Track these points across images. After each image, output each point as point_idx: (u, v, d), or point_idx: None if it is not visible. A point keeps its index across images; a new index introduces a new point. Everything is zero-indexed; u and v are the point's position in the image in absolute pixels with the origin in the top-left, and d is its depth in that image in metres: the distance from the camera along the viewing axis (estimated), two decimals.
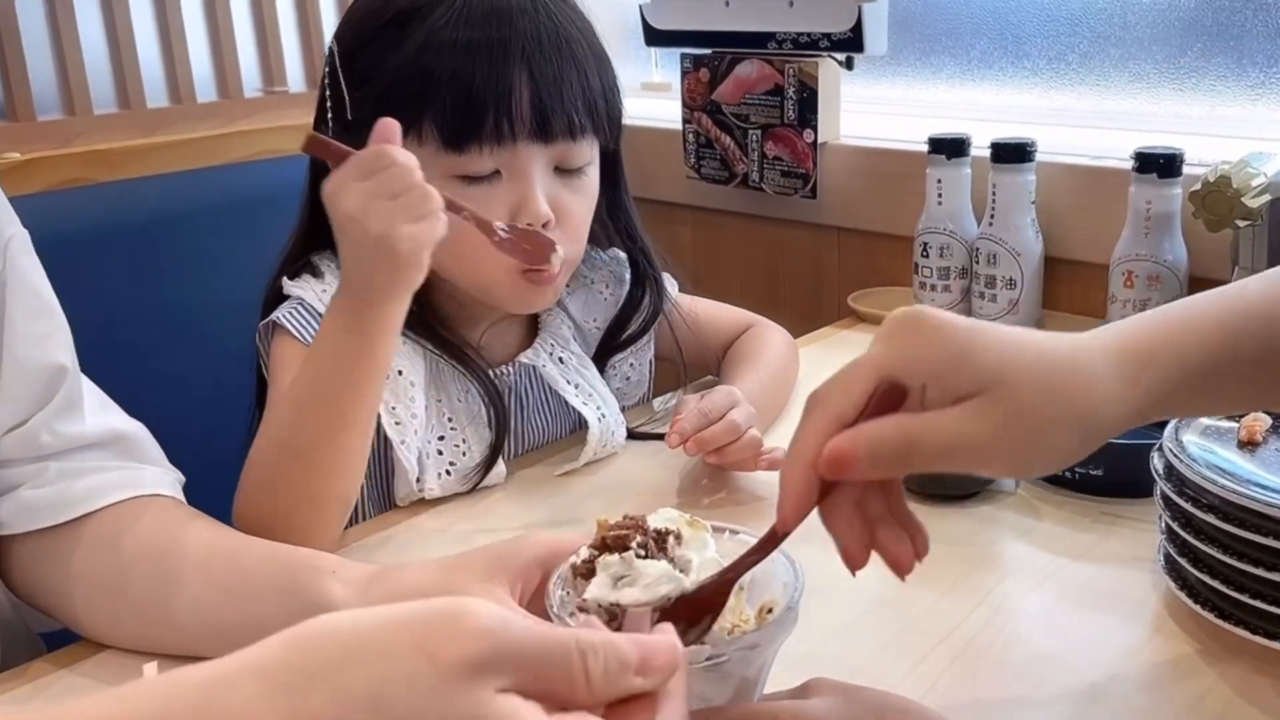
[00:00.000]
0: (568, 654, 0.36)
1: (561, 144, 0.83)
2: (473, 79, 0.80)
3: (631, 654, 0.37)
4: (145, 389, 1.10)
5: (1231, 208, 0.92)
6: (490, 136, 0.80)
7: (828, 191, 1.37)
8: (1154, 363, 0.50)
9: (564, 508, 0.85)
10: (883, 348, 0.48)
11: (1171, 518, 0.68)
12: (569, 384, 0.92)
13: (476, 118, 0.80)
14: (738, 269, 1.53)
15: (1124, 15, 1.25)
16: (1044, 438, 0.47)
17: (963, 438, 0.46)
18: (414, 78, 0.81)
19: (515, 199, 0.82)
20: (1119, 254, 1.08)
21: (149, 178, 1.27)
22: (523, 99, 0.80)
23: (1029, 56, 1.34)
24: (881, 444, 0.46)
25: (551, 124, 0.82)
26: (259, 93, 1.69)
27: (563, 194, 0.85)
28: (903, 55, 1.42)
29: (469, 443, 0.87)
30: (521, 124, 0.81)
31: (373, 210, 0.68)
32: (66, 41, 1.48)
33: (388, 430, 0.82)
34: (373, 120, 0.81)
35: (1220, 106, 1.21)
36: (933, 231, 1.21)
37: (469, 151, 0.81)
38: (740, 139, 1.42)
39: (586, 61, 0.84)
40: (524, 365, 0.92)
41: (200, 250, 1.15)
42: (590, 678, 0.36)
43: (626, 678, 0.37)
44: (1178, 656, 0.64)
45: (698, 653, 0.45)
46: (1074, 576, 0.73)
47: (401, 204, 0.69)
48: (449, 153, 0.81)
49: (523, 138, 0.81)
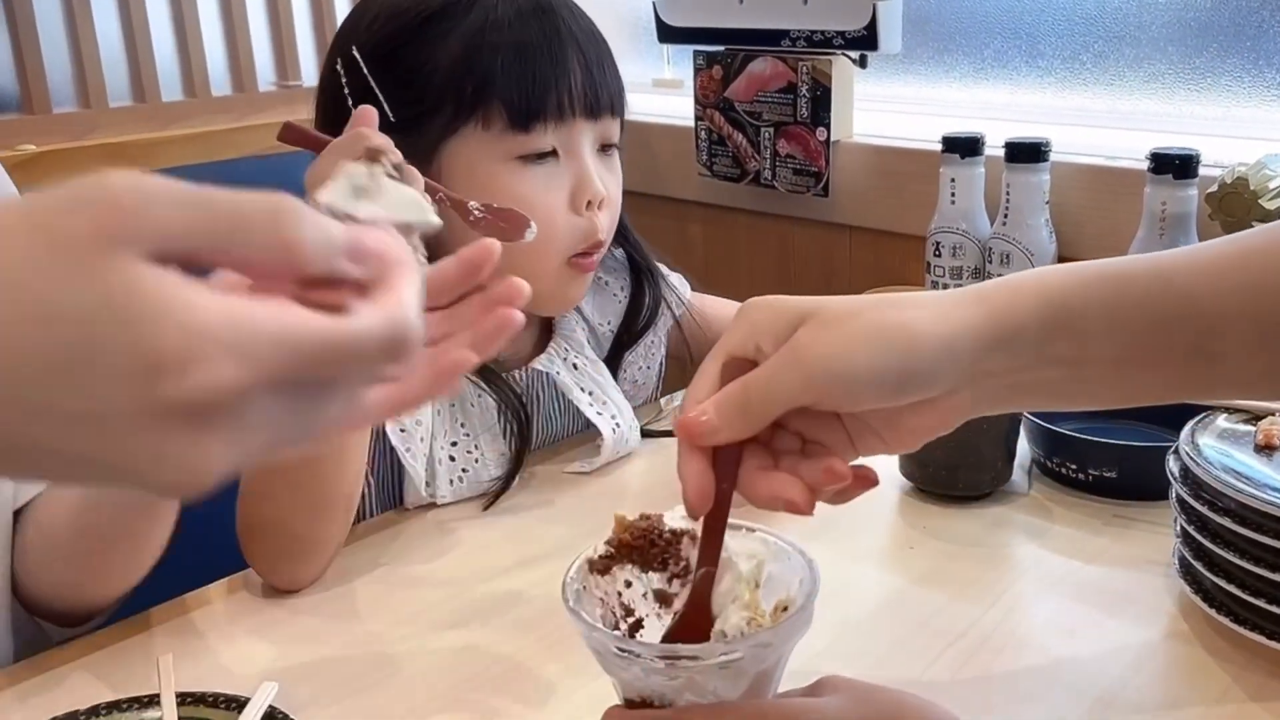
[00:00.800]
0: (237, 210, 0.30)
1: (605, 121, 0.85)
2: (536, 60, 0.81)
3: (337, 231, 0.32)
4: None
5: (1248, 209, 0.92)
6: (554, 114, 0.82)
7: (840, 190, 1.37)
8: (1005, 287, 0.50)
9: (575, 505, 0.85)
10: (727, 332, 0.51)
11: (1187, 521, 0.68)
12: (583, 391, 0.91)
13: (540, 96, 0.81)
14: (749, 267, 1.53)
15: (1139, 15, 1.25)
16: (849, 352, 0.47)
17: (778, 369, 0.48)
18: (475, 65, 0.81)
19: (574, 177, 0.84)
20: (1133, 254, 1.08)
21: (164, 170, 1.27)
22: (577, 77, 0.82)
23: (1043, 56, 1.33)
24: (722, 403, 0.49)
25: (600, 100, 0.84)
26: (273, 86, 1.69)
27: (606, 175, 0.87)
28: (916, 54, 1.42)
29: (482, 449, 0.86)
30: (577, 101, 0.83)
31: None
32: (82, 34, 1.49)
33: (392, 438, 0.82)
34: (423, 118, 0.82)
35: (1236, 107, 1.20)
36: (946, 231, 1.21)
37: (535, 130, 0.82)
38: (753, 136, 1.41)
39: (604, 50, 0.87)
40: (537, 371, 0.91)
41: None
42: (275, 240, 0.30)
43: (335, 258, 0.32)
44: (1192, 661, 0.64)
45: (711, 649, 0.45)
46: (1087, 579, 0.73)
47: None
48: (515, 133, 0.82)
49: (578, 115, 0.83)
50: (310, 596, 0.74)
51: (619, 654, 0.46)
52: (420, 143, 0.83)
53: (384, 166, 0.44)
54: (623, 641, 0.46)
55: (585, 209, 0.84)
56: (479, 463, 0.86)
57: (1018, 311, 0.49)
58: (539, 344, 0.94)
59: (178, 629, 0.71)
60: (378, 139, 0.68)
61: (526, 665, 0.65)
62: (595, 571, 0.49)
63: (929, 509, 0.82)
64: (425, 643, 0.68)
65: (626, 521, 0.50)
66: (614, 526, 0.50)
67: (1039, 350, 0.49)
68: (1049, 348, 0.49)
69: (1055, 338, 0.49)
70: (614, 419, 0.91)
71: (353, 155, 0.67)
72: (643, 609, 0.50)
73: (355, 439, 0.74)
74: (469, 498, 0.86)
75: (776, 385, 0.48)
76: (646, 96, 1.65)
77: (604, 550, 0.49)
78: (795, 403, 0.48)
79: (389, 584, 0.75)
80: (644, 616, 0.50)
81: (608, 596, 0.49)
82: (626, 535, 0.49)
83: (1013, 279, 0.51)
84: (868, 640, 0.67)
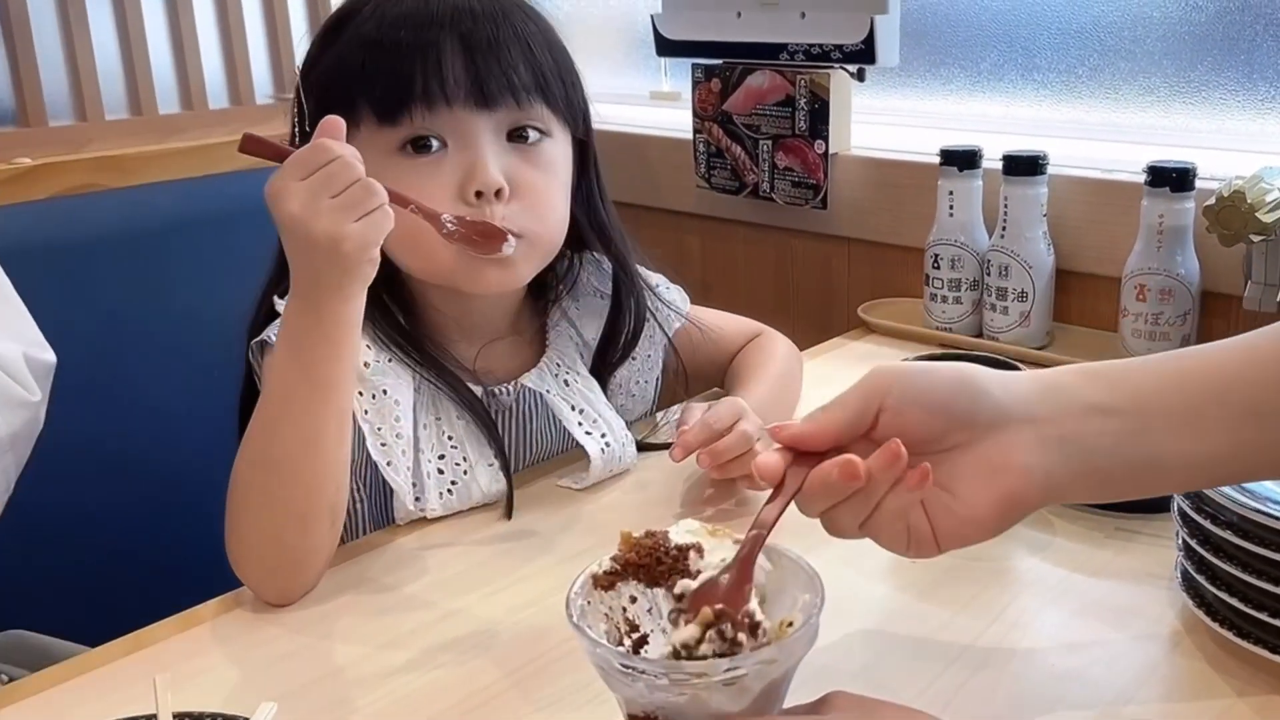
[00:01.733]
0: None
1: (506, 111, 0.81)
2: (397, 50, 0.79)
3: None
4: (154, 397, 1.11)
5: (1245, 222, 0.92)
6: (421, 101, 0.79)
7: (838, 202, 1.37)
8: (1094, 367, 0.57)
9: (569, 520, 0.85)
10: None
11: (1189, 534, 0.67)
12: (573, 409, 0.89)
13: (404, 85, 0.79)
14: (747, 279, 1.53)
15: (1134, 29, 1.25)
16: (917, 364, 0.57)
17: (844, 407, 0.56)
18: (342, 70, 0.81)
19: (464, 167, 0.81)
20: (1131, 267, 1.08)
21: (160, 183, 1.27)
22: (455, 63, 0.79)
23: (1039, 69, 1.34)
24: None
25: (489, 86, 0.80)
26: (270, 99, 1.69)
27: (520, 166, 0.83)
28: (913, 67, 1.42)
29: (470, 460, 0.85)
30: (456, 87, 0.79)
31: (317, 209, 0.67)
32: (79, 47, 1.49)
33: (373, 453, 0.81)
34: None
35: (1230, 120, 1.21)
36: (944, 243, 1.21)
37: (402, 121, 0.80)
38: (751, 149, 1.42)
39: (535, 42, 0.83)
40: (526, 388, 0.90)
41: (212, 257, 1.15)
42: None
43: None
44: (1196, 675, 0.64)
45: (715, 665, 0.45)
46: (1090, 592, 0.72)
47: (344, 201, 0.67)
48: (384, 126, 0.80)
49: (460, 103, 0.80)
50: (302, 613, 0.73)
51: (623, 670, 0.45)
52: None
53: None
54: (627, 658, 0.46)
55: (476, 198, 0.81)
56: (468, 474, 0.85)
57: (1061, 372, 0.57)
58: (529, 355, 0.93)
59: (173, 648, 0.70)
60: (339, 149, 0.68)
61: (525, 685, 0.65)
62: (599, 587, 0.49)
63: None
64: (421, 663, 0.68)
65: (633, 539, 0.49)
66: (619, 543, 0.49)
67: (1082, 397, 0.56)
68: (1090, 393, 0.56)
69: (1096, 383, 0.56)
70: (604, 437, 0.89)
71: (313, 166, 0.67)
72: (647, 625, 0.50)
73: (334, 448, 0.73)
74: (460, 511, 0.85)
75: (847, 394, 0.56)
76: (644, 109, 1.65)
77: (609, 566, 0.49)
78: (864, 405, 0.55)
79: (383, 603, 0.75)
80: (649, 632, 0.50)
81: (612, 612, 0.49)
82: (633, 555, 0.49)
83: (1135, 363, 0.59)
84: (871, 655, 0.66)
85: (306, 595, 0.75)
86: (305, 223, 0.67)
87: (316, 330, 0.70)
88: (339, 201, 0.67)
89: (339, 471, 0.74)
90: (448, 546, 0.82)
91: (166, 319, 1.12)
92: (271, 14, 1.68)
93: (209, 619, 0.73)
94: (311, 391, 0.71)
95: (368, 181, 0.68)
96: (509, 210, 0.82)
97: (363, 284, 0.70)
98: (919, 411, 0.55)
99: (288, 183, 0.67)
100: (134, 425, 1.08)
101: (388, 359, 0.84)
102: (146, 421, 1.09)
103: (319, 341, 0.70)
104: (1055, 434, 0.55)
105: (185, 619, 0.73)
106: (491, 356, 0.90)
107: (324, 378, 0.71)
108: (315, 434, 0.72)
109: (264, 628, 0.72)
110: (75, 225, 1.12)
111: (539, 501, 0.87)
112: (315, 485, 0.72)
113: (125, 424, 1.08)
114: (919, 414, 0.55)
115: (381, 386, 0.82)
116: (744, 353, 1.02)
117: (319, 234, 0.67)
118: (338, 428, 0.73)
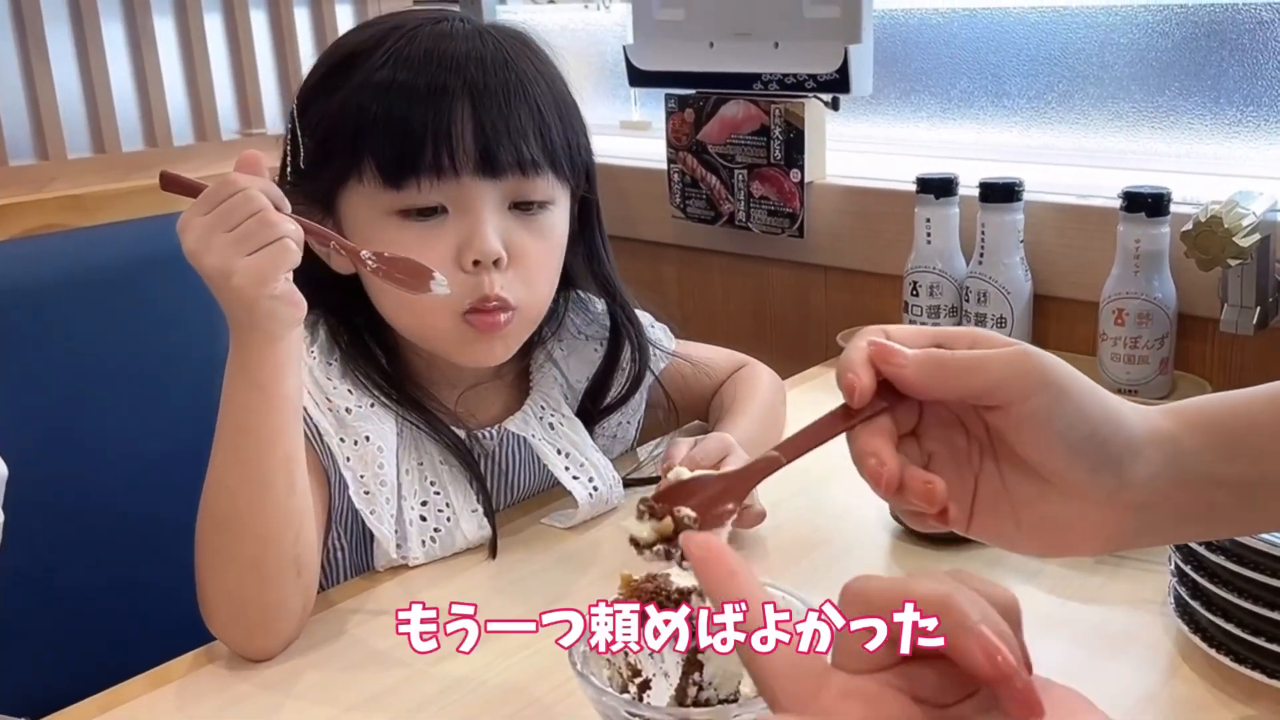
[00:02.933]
0: None
1: (512, 180, 0.80)
2: (409, 114, 0.77)
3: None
4: (120, 441, 1.08)
5: (1223, 246, 0.93)
6: (429, 170, 0.77)
7: (814, 231, 1.37)
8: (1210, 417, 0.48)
9: (555, 561, 0.83)
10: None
11: (1182, 559, 0.67)
12: (559, 453, 0.88)
13: (413, 152, 0.77)
14: (724, 309, 1.53)
15: (1102, 55, 1.27)
16: (1072, 374, 0.45)
17: (999, 353, 0.45)
18: (350, 117, 0.79)
19: (463, 234, 0.79)
20: (1109, 292, 1.09)
21: (125, 222, 1.24)
22: (465, 133, 0.78)
23: (1009, 95, 1.35)
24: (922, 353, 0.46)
25: (498, 158, 0.78)
26: (236, 135, 1.67)
27: (519, 234, 0.81)
28: (884, 94, 1.43)
29: (454, 507, 0.83)
30: (465, 158, 0.78)
31: (210, 244, 0.64)
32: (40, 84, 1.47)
33: (356, 502, 0.79)
34: (320, 168, 0.81)
35: (1199, 144, 1.22)
36: (922, 270, 1.21)
37: (407, 187, 0.78)
38: (726, 178, 1.42)
39: (544, 102, 0.81)
40: (510, 432, 0.88)
41: (179, 297, 1.12)
42: None
43: None
44: (1194, 701, 0.63)
45: (724, 713, 0.44)
46: (1085, 619, 0.72)
47: (238, 235, 0.64)
48: (388, 189, 0.79)
49: (467, 173, 0.78)
50: (281, 668, 0.71)
51: (630, 718, 0.44)
52: (319, 191, 0.81)
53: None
54: (634, 706, 0.45)
55: (473, 266, 0.79)
56: (451, 521, 0.83)
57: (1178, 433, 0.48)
58: (514, 399, 0.91)
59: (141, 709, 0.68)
60: (244, 182, 0.66)
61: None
62: None
63: (920, 551, 0.82)
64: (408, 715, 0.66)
65: (634, 584, 0.48)
66: (619, 586, 0.48)
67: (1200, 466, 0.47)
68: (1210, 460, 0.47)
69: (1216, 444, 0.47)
70: (591, 482, 0.87)
71: (216, 201, 0.65)
72: (649, 669, 0.48)
73: (284, 497, 0.70)
74: (442, 558, 0.83)
75: (988, 361, 0.45)
76: (614, 139, 1.65)
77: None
78: (991, 390, 0.45)
79: (365, 654, 0.72)
80: (651, 677, 0.49)
81: (614, 658, 0.47)
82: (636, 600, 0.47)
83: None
84: None
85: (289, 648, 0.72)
86: (198, 256, 0.65)
87: (249, 376, 0.67)
88: (232, 235, 0.64)
89: (297, 521, 0.71)
90: (430, 589, 0.80)
91: (134, 361, 1.09)
92: (238, 50, 1.66)
93: (179, 677, 0.71)
94: (252, 441, 0.68)
95: (266, 215, 0.65)
96: (505, 279, 0.81)
97: (282, 324, 0.67)
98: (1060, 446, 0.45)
99: (191, 218, 0.66)
100: (102, 470, 1.05)
101: (369, 404, 0.82)
102: (108, 466, 1.06)
103: (251, 388, 0.68)
104: (1155, 513, 0.47)
105: (155, 677, 0.71)
106: (473, 400, 0.89)
107: (263, 426, 0.68)
108: (263, 486, 0.69)
109: (236, 685, 0.69)
110: (37, 267, 1.09)
111: (524, 540, 0.86)
112: (271, 538, 0.69)
113: (92, 469, 1.04)
114: (1044, 437, 0.45)
115: (364, 433, 0.80)
116: (727, 385, 1.01)
117: (209, 269, 0.64)
118: (286, 477, 0.70)
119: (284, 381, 0.69)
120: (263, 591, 0.70)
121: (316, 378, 0.82)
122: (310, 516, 0.73)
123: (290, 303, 0.67)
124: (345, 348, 0.84)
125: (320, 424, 0.79)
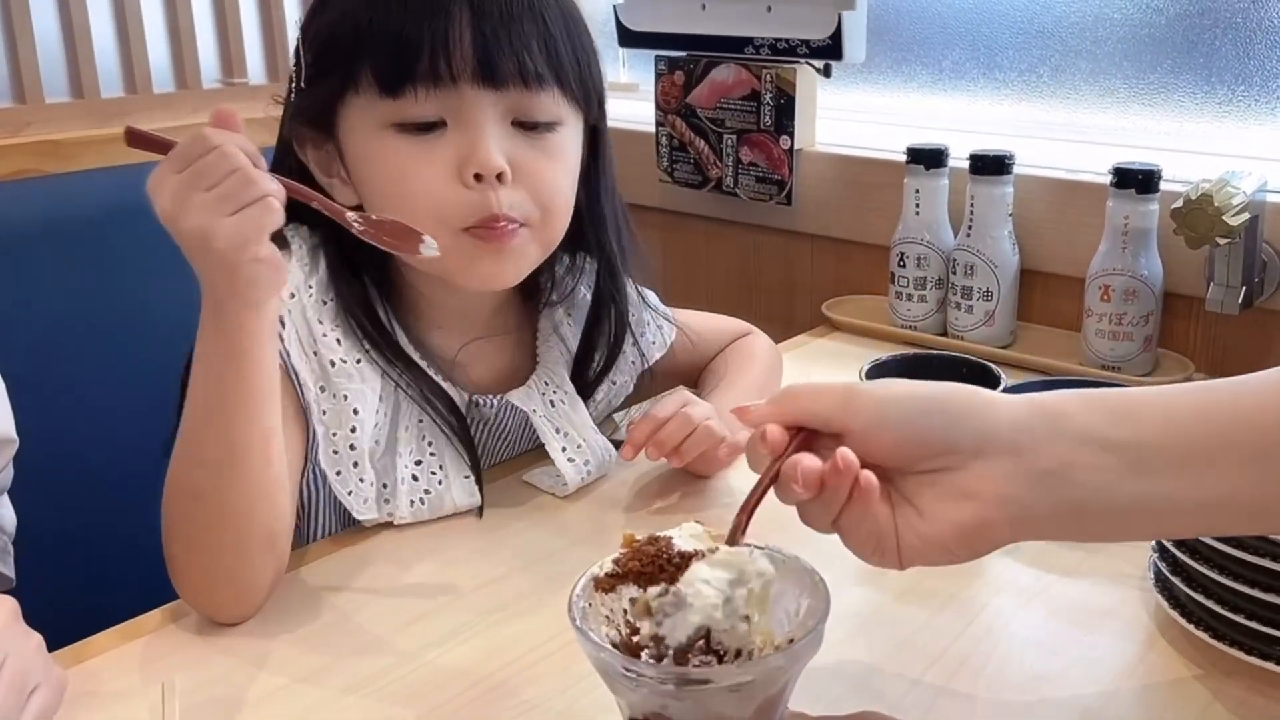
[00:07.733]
0: None
1: (514, 92, 0.76)
2: (405, 21, 0.74)
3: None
4: (96, 389, 1.06)
5: (1212, 225, 0.93)
6: (427, 78, 0.74)
7: (803, 199, 1.36)
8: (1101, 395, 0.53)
9: (542, 521, 0.83)
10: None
11: None
12: (557, 432, 0.86)
13: (411, 58, 0.74)
14: (709, 275, 1.52)
15: (1095, 30, 1.26)
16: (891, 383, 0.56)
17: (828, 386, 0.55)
18: (348, 27, 0.76)
19: (463, 149, 0.75)
20: (1095, 268, 1.09)
21: (102, 169, 1.22)
22: (463, 38, 0.74)
23: (1001, 68, 1.34)
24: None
25: (498, 67, 0.75)
26: (218, 84, 1.64)
27: (526, 151, 0.77)
28: (876, 63, 1.42)
29: (446, 470, 0.82)
30: (463, 64, 0.74)
31: (188, 204, 0.61)
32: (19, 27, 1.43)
33: (322, 461, 0.77)
34: (319, 84, 0.78)
35: (1189, 123, 1.22)
36: (910, 241, 1.21)
37: (405, 95, 0.74)
38: (715, 143, 1.40)
39: (550, 15, 0.77)
40: (511, 404, 0.86)
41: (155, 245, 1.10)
42: None
43: None
44: (1172, 676, 0.64)
45: (725, 673, 0.45)
46: (1063, 594, 0.72)
47: (217, 194, 0.61)
48: (385, 98, 0.75)
49: (466, 81, 0.74)
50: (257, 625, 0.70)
51: (626, 674, 0.44)
52: (319, 110, 0.78)
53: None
54: (630, 662, 0.44)
55: (475, 181, 0.76)
56: (443, 485, 0.81)
57: (1063, 398, 0.53)
58: (515, 361, 0.89)
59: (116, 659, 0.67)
60: (219, 138, 0.62)
61: (502, 690, 0.63)
62: (601, 590, 0.48)
63: None
64: (390, 671, 0.65)
65: (636, 545, 0.48)
66: (622, 545, 0.48)
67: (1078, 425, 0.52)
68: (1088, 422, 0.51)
69: (1098, 412, 0.52)
70: (586, 464, 0.86)
71: (190, 158, 0.62)
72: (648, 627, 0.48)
73: (260, 471, 0.68)
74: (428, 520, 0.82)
75: (822, 390, 0.54)
76: None
77: (611, 569, 0.48)
78: (832, 414, 0.53)
79: (350, 607, 0.72)
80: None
81: (613, 614, 0.48)
82: (635, 563, 0.47)
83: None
84: (850, 659, 0.65)
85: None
86: (174, 219, 0.61)
87: (224, 344, 0.65)
88: (211, 195, 0.61)
89: (273, 494, 0.69)
90: (414, 548, 0.79)
91: (108, 311, 1.08)
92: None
93: (150, 631, 0.70)
94: (226, 411, 0.66)
95: (247, 172, 0.61)
96: (513, 197, 0.77)
97: (264, 291, 0.64)
98: (887, 437, 0.53)
99: (164, 177, 0.62)
100: (72, 424, 1.03)
101: (356, 359, 0.79)
102: (83, 417, 1.05)
103: (227, 356, 0.65)
104: (1039, 467, 0.51)
105: (124, 631, 0.70)
106: (476, 353, 0.87)
107: (237, 395, 0.66)
108: (238, 459, 0.66)
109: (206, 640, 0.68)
110: (12, 212, 1.07)
111: (511, 500, 0.85)
112: (246, 512, 0.68)
113: (62, 423, 1.03)
114: (887, 440, 0.53)
115: (344, 391, 0.78)
116: (718, 357, 1.01)
117: (187, 230, 0.61)
118: (263, 449, 0.68)
119: (262, 351, 0.66)
120: (235, 565, 0.68)
121: (309, 318, 0.78)
122: (285, 488, 0.71)
123: (273, 266, 0.64)
124: (344, 291, 0.80)
125: (300, 372, 0.77)
